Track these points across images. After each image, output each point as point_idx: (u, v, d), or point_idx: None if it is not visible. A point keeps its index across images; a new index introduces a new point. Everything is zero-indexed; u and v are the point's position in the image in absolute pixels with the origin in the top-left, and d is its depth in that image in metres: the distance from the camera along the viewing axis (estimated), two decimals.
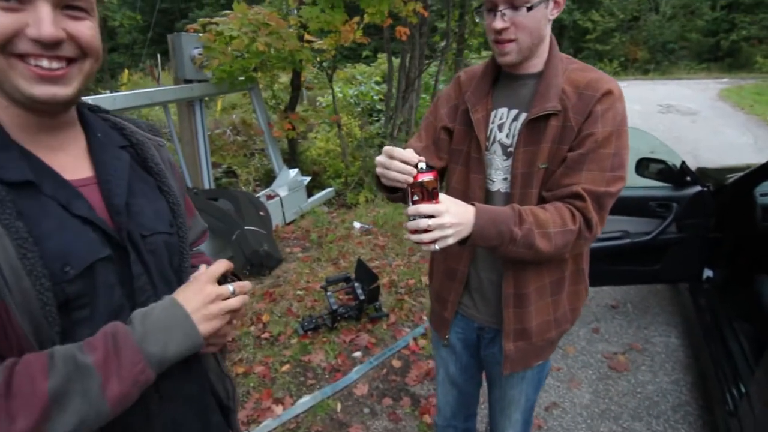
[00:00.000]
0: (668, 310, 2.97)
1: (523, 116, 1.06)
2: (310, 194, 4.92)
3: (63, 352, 0.55)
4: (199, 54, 3.76)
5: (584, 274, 1.20)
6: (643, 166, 2.46)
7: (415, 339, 2.63)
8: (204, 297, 0.64)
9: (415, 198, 0.90)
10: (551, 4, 1.01)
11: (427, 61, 5.80)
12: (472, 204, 0.97)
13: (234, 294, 0.67)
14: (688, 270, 2.56)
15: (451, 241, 0.92)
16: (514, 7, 0.96)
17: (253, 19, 3.51)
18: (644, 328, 2.80)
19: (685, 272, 2.58)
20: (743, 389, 1.81)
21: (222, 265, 0.69)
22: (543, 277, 1.12)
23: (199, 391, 0.77)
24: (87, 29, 0.59)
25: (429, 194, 0.90)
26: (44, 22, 0.55)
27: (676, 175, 2.42)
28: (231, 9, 3.65)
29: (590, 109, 0.99)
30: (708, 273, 2.57)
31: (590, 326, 2.80)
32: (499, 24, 0.98)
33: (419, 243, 0.92)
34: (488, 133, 1.11)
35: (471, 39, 6.75)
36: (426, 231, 0.90)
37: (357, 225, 4.25)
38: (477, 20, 1.08)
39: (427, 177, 0.90)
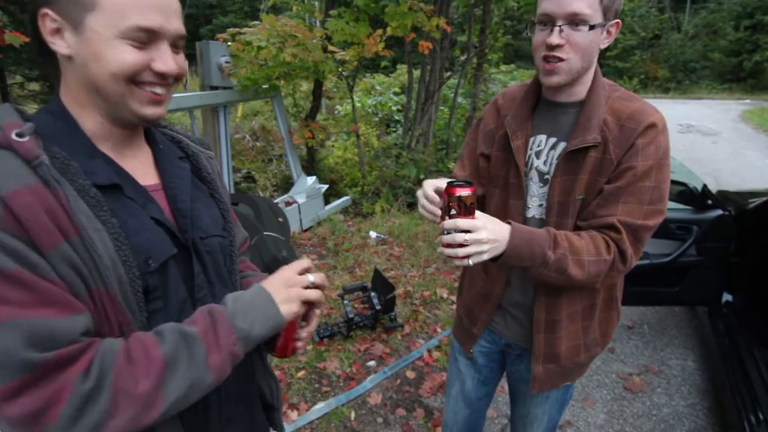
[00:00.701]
0: (685, 333, 2.94)
1: (562, 145, 1.05)
2: (326, 202, 4.98)
3: (168, 326, 0.63)
4: (227, 62, 3.87)
5: (617, 301, 1.19)
6: None
7: (429, 351, 2.65)
8: (285, 281, 0.73)
9: (453, 212, 0.91)
10: (605, 33, 0.99)
11: (447, 74, 5.84)
12: (508, 222, 0.97)
13: (313, 284, 0.75)
14: (707, 293, 2.55)
15: (485, 257, 0.93)
16: (574, 24, 0.94)
17: (281, 31, 3.60)
18: (660, 349, 2.77)
19: (703, 295, 2.56)
20: (762, 417, 1.80)
21: (305, 262, 0.77)
22: (575, 303, 1.12)
23: (248, 389, 0.82)
24: (183, 61, 0.69)
25: (466, 209, 0.91)
26: (168, 59, 0.65)
27: (697, 198, 2.41)
28: (254, 17, 3.76)
29: (632, 142, 0.98)
30: (727, 297, 2.55)
31: (606, 346, 2.78)
32: (555, 39, 0.94)
33: (453, 257, 0.92)
34: (526, 159, 1.10)
35: (491, 53, 6.80)
36: (461, 246, 0.91)
37: (373, 234, 4.29)
38: (528, 35, 1.08)
39: (465, 192, 0.90)
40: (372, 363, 2.54)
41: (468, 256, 0.92)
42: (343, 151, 6.40)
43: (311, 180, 4.87)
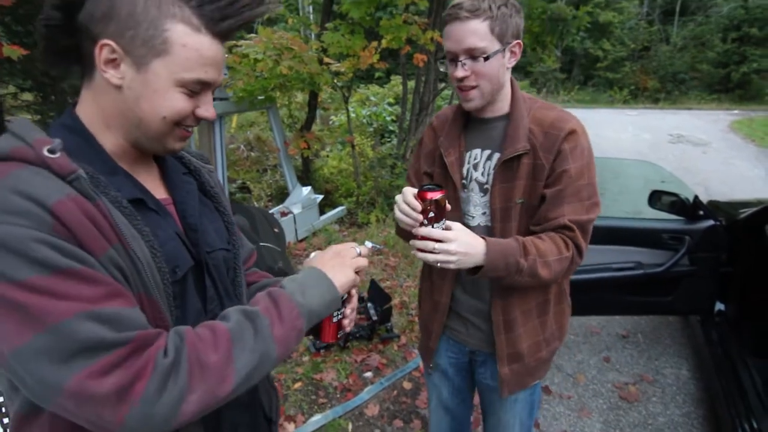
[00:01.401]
0: (679, 342, 2.96)
1: (496, 156, 1.15)
2: (321, 212, 4.99)
3: (231, 309, 0.67)
4: (224, 74, 3.89)
5: (566, 294, 1.29)
6: (656, 198, 2.50)
7: (422, 357, 2.64)
8: (334, 255, 0.79)
9: (431, 215, 0.99)
10: (508, 54, 1.09)
11: (441, 86, 5.91)
12: (483, 237, 1.04)
13: (360, 254, 0.81)
14: (700, 303, 2.58)
15: (451, 266, 1.01)
16: (473, 57, 1.05)
17: (278, 44, 3.63)
18: (655, 359, 2.79)
19: (696, 305, 2.59)
20: (755, 425, 1.81)
21: (349, 244, 0.83)
22: (528, 300, 1.20)
23: (251, 400, 0.84)
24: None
25: (442, 211, 0.99)
26: (211, 107, 0.71)
27: (689, 208, 2.45)
28: (250, 28, 3.80)
29: (558, 147, 1.09)
30: (720, 306, 2.58)
31: (601, 355, 2.81)
32: (460, 73, 1.07)
33: (423, 259, 1.02)
34: (465, 172, 1.20)
35: None
36: (431, 252, 0.99)
37: (368, 244, 4.27)
38: (441, 69, 1.17)
39: (438, 195, 0.98)
40: (369, 374, 2.54)
41: (436, 261, 1.01)
42: (338, 162, 6.42)
43: (306, 190, 4.88)
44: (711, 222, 2.45)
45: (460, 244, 1.00)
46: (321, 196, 5.05)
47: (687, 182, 2.99)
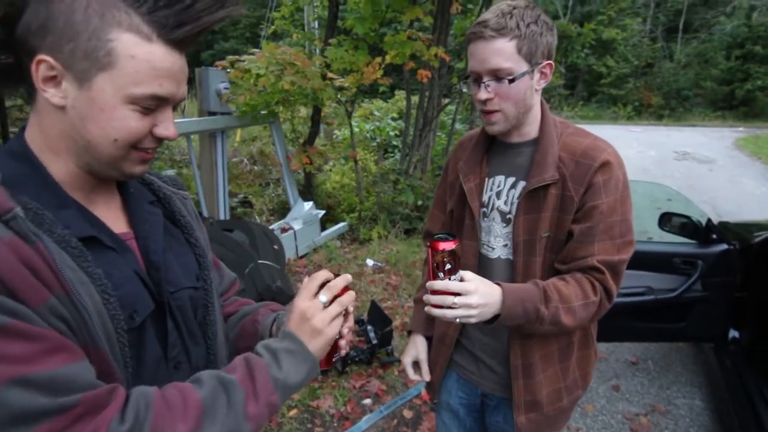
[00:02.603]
0: (691, 369, 2.85)
1: (521, 184, 1.06)
2: (323, 227, 4.93)
3: (206, 373, 0.61)
4: (225, 89, 3.86)
5: (592, 338, 1.18)
6: (666, 219, 2.43)
7: (427, 390, 2.55)
8: (302, 316, 0.67)
9: (447, 267, 0.90)
10: (537, 75, 1.01)
11: (445, 101, 5.88)
12: (497, 284, 0.96)
13: (329, 303, 0.69)
14: (713, 330, 2.48)
15: (473, 320, 0.93)
16: (498, 79, 0.97)
17: (280, 59, 3.61)
18: (666, 387, 2.68)
19: (710, 332, 2.50)
20: None
21: (314, 281, 0.70)
22: (550, 344, 1.10)
23: None
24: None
25: (457, 263, 0.91)
26: (171, 125, 0.63)
27: (701, 232, 2.37)
28: (255, 42, 3.79)
29: (589, 180, 0.99)
30: (734, 334, 2.48)
31: (610, 383, 2.70)
32: (483, 95, 0.99)
33: (441, 317, 0.92)
34: (487, 200, 1.12)
35: None
36: (450, 308, 0.90)
37: (370, 262, 4.22)
38: (464, 90, 1.09)
39: (453, 245, 0.90)
40: (368, 401, 2.44)
41: (455, 317, 0.92)
42: (341, 176, 6.38)
43: (308, 205, 4.82)
44: (724, 246, 2.37)
45: (481, 295, 0.92)
46: (323, 212, 4.99)
47: (694, 200, 2.92)
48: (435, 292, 0.92)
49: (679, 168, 9.14)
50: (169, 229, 0.74)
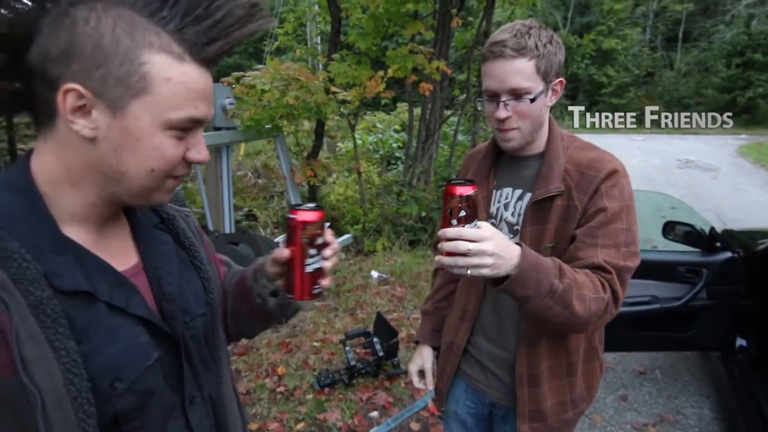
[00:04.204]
0: (699, 379, 2.83)
1: (528, 196, 1.07)
2: None
3: None
4: (231, 104, 3.93)
5: (598, 351, 1.18)
6: (670, 228, 2.44)
7: (433, 400, 2.54)
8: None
9: (462, 214, 0.84)
10: (549, 93, 1.03)
11: (447, 113, 5.93)
12: (517, 243, 0.92)
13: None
14: (720, 338, 2.47)
15: (485, 272, 0.85)
16: (517, 97, 0.98)
17: (285, 74, 3.67)
18: (674, 397, 2.66)
19: (716, 340, 2.49)
20: None
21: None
22: (558, 355, 1.10)
23: None
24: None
25: (475, 209, 0.85)
26: (204, 147, 0.60)
27: (705, 240, 2.38)
28: (259, 57, 3.86)
29: (595, 188, 1.00)
30: (741, 342, 2.47)
31: (618, 393, 2.68)
32: (502, 114, 1.00)
33: (452, 267, 0.86)
34: (495, 211, 1.13)
35: None
36: (463, 255, 0.84)
37: (375, 274, 4.23)
38: (479, 108, 1.09)
39: (471, 190, 0.84)
40: (375, 413, 2.43)
41: (468, 267, 0.85)
42: (345, 189, 6.42)
43: None
44: (729, 254, 2.37)
45: (497, 244, 0.84)
46: (327, 224, 5.01)
47: (698, 208, 2.92)
48: (448, 240, 0.85)
49: (683, 176, 9.14)
50: (179, 254, 0.70)
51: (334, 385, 2.60)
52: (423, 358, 1.31)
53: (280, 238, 4.44)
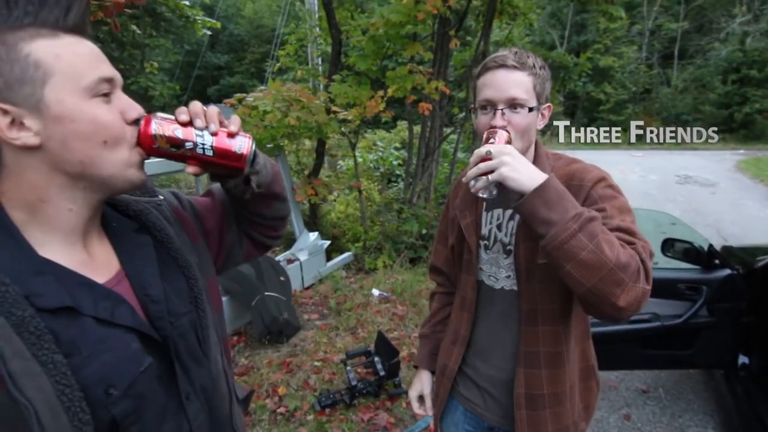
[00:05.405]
0: (703, 396, 2.81)
1: (518, 215, 1.08)
2: (328, 257, 4.96)
3: None
4: None
5: (594, 370, 1.18)
6: (669, 245, 2.45)
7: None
8: None
9: (491, 141, 0.94)
10: (539, 116, 1.07)
11: (447, 131, 6.00)
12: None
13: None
14: (722, 356, 2.46)
15: (505, 170, 0.84)
16: (513, 107, 1.01)
17: (287, 96, 3.73)
18: (678, 416, 2.64)
19: (718, 358, 2.48)
20: None
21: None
22: (561, 379, 1.09)
23: None
24: None
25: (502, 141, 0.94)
26: (135, 103, 0.62)
27: (704, 257, 2.39)
28: (260, 77, 3.94)
29: (585, 194, 0.99)
30: (743, 360, 2.46)
31: (621, 412, 2.66)
32: (499, 121, 1.00)
33: (476, 175, 0.88)
34: (488, 233, 1.15)
35: None
36: (484, 160, 0.87)
37: (376, 292, 4.23)
38: (474, 118, 1.11)
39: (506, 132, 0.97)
40: None
41: (489, 172, 0.86)
42: (345, 206, 6.45)
43: (313, 236, 4.86)
44: (728, 271, 2.38)
45: (516, 156, 0.87)
46: (328, 242, 5.03)
47: (698, 223, 2.94)
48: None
49: (682, 192, 9.16)
50: (160, 253, 0.70)
51: (335, 406, 2.59)
52: (422, 383, 1.32)
53: (281, 257, 4.45)
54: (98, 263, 0.63)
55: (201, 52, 18.31)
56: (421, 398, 1.32)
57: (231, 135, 0.66)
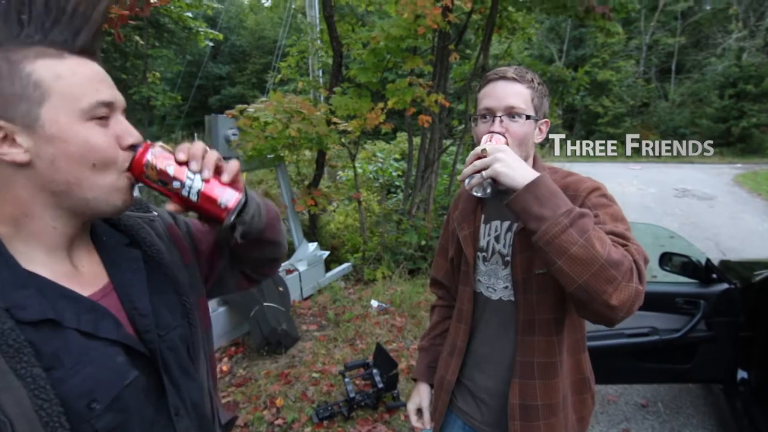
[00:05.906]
0: (702, 411, 2.80)
1: (516, 226, 1.11)
2: (327, 268, 4.95)
3: None
4: (234, 135, 4.01)
5: (589, 382, 1.18)
6: (667, 259, 2.46)
7: None
8: None
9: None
10: (538, 130, 1.10)
11: (446, 143, 6.03)
12: None
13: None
14: (720, 370, 2.46)
15: (498, 166, 0.88)
16: (512, 116, 1.05)
17: (288, 107, 3.77)
18: (678, 430, 2.63)
19: (717, 372, 2.47)
20: None
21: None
22: (555, 390, 1.09)
23: None
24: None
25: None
26: (133, 129, 0.63)
27: (701, 271, 2.40)
28: (261, 87, 3.98)
29: (580, 204, 1.00)
30: (742, 374, 2.45)
31: (620, 426, 2.65)
32: (497, 128, 1.04)
33: (472, 172, 0.92)
34: (486, 245, 1.17)
35: None
36: (479, 157, 0.92)
37: (374, 304, 4.22)
38: (474, 126, 1.12)
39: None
40: None
41: (483, 169, 0.90)
42: (345, 217, 6.46)
43: (312, 246, 4.87)
44: (725, 285, 2.39)
45: (510, 153, 0.91)
46: (327, 253, 5.03)
47: (697, 237, 2.95)
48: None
49: (680, 205, 9.20)
50: (151, 267, 0.70)
51: (332, 418, 2.57)
52: (420, 395, 1.32)
53: (280, 267, 4.45)
54: (85, 276, 0.63)
55: (203, 63, 18.45)
56: (419, 411, 1.32)
57: (223, 185, 0.65)
